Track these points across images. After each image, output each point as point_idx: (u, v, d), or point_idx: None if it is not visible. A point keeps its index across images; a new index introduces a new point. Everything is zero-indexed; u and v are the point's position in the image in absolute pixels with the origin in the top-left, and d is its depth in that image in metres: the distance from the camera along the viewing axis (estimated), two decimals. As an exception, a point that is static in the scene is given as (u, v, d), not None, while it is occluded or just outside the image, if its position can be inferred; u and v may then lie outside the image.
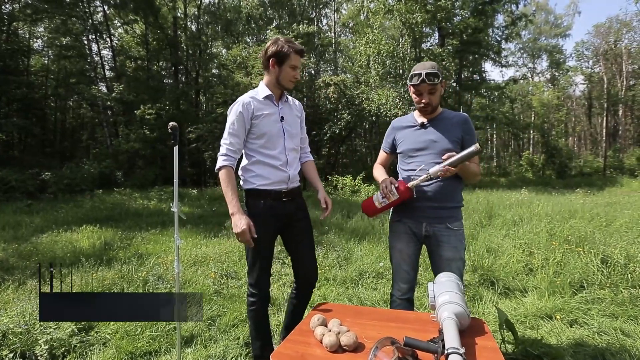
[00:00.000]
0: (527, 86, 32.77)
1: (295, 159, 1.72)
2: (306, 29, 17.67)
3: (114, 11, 19.06)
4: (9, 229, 5.24)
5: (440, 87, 1.65)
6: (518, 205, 6.65)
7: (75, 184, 11.87)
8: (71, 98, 19.64)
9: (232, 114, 1.61)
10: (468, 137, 1.66)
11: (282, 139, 1.65)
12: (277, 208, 1.62)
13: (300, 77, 1.78)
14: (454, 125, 1.68)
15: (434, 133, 1.68)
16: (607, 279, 2.85)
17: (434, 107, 1.68)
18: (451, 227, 1.64)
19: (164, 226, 5.80)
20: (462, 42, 16.91)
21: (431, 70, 1.60)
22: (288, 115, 1.70)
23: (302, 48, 1.68)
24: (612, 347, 1.93)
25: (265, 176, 1.61)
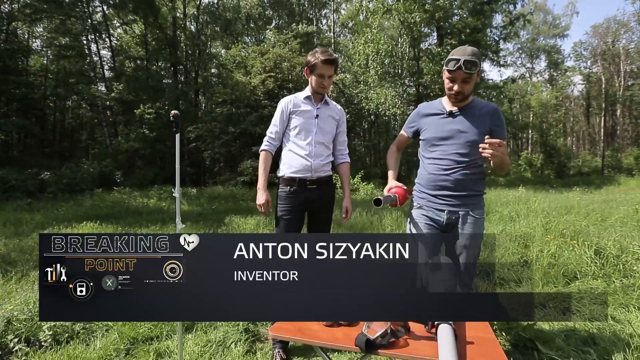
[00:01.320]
0: (526, 86, 32.88)
1: (322, 153, 1.93)
2: (305, 29, 17.75)
3: (113, 11, 19.10)
4: (10, 226, 5.27)
5: (475, 76, 1.58)
6: (515, 202, 6.70)
7: (74, 183, 11.90)
8: (70, 98, 19.65)
9: (277, 109, 1.98)
10: (497, 129, 1.62)
11: (312, 132, 1.90)
12: (303, 194, 1.87)
13: (332, 85, 2.02)
14: (483, 116, 1.63)
15: (461, 123, 1.64)
16: (601, 269, 2.91)
17: (466, 96, 1.63)
18: (473, 215, 1.64)
19: (164, 223, 5.84)
20: (460, 41, 16.99)
21: (471, 57, 1.52)
22: (324, 114, 1.95)
23: (329, 58, 1.84)
24: (602, 332, 1.99)
25: (293, 165, 1.89)
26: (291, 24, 19.37)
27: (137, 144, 15.83)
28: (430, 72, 14.41)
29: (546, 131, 27.45)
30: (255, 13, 19.53)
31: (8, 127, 13.60)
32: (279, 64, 14.79)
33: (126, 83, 17.85)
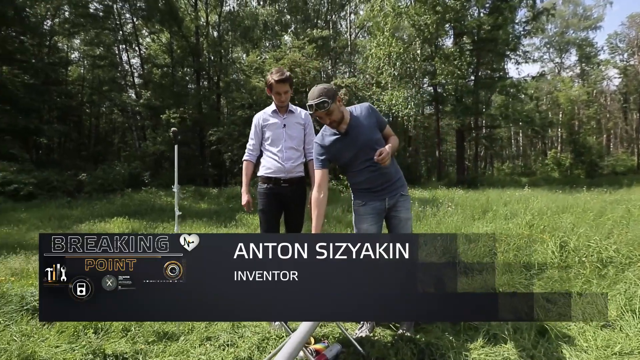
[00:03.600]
0: (554, 82, 31.58)
1: (293, 156, 2.32)
2: (320, 33, 18.22)
3: (142, 22, 20.46)
4: (54, 220, 6.13)
5: (334, 105, 1.83)
6: (515, 202, 6.85)
7: (107, 183, 13.01)
8: (104, 104, 21.25)
9: (252, 125, 2.40)
10: (380, 119, 2.01)
11: (282, 140, 2.28)
12: (277, 190, 2.27)
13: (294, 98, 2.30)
14: (365, 118, 1.97)
15: (357, 135, 1.93)
16: (562, 261, 3.18)
17: (339, 120, 1.90)
18: (404, 194, 2.08)
19: (183, 219, 6.51)
20: (477, 40, 16.86)
21: (317, 100, 1.79)
22: (290, 123, 2.32)
23: (281, 78, 2.18)
24: (532, 310, 2.32)
25: (269, 167, 2.30)
26: (306, 29, 19.91)
27: (163, 147, 16.96)
28: (443, 72, 14.47)
29: (576, 129, 26.33)
30: (272, 20, 20.22)
31: (50, 132, 15.04)
32: (294, 69, 15.36)
33: (153, 90, 19.09)
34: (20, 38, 15.34)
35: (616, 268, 2.86)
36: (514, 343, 1.86)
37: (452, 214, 5.82)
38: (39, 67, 15.43)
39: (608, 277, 2.75)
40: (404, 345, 1.79)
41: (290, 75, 2.27)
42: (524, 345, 1.83)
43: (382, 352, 1.74)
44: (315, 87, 1.88)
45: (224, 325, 2.12)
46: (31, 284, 2.73)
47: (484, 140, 30.20)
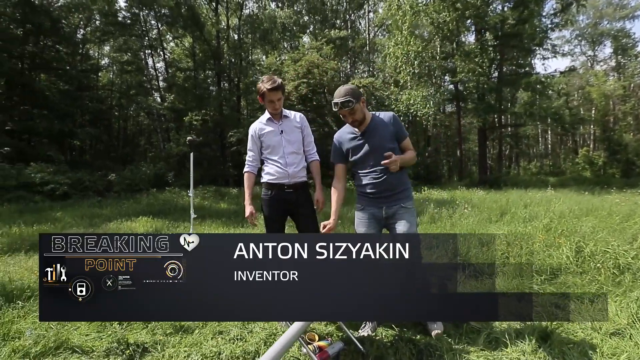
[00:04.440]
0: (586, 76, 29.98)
1: (295, 160, 2.31)
2: (338, 33, 18.28)
3: (166, 27, 21.29)
4: (86, 218, 6.56)
5: (358, 105, 1.96)
6: (536, 204, 6.64)
7: (134, 183, 13.68)
8: (131, 108, 22.29)
9: (249, 136, 2.39)
10: (399, 131, 2.04)
11: (282, 147, 2.29)
12: (281, 196, 2.28)
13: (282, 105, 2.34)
14: (385, 126, 2.03)
15: (372, 139, 2.03)
16: (578, 267, 3.11)
17: (361, 120, 2.02)
18: (404, 206, 2.05)
19: (204, 219, 6.79)
20: (500, 35, 16.32)
21: (343, 98, 1.93)
22: (287, 127, 2.32)
23: (273, 86, 2.18)
24: (538, 315, 2.31)
25: (272, 174, 2.31)
26: (324, 29, 20.01)
27: (186, 148, 17.58)
28: (464, 70, 14.14)
29: (611, 125, 24.94)
30: (290, 22, 20.46)
31: (83, 135, 15.98)
32: (312, 70, 15.51)
33: (176, 93, 19.82)
34: (56, 47, 16.38)
35: (633, 275, 2.78)
36: (514, 347, 1.88)
37: (468, 216, 5.74)
38: (72, 74, 16.44)
39: (624, 284, 2.67)
40: (403, 345, 1.86)
41: (282, 83, 2.28)
42: (524, 349, 1.85)
43: (381, 351, 1.81)
44: (342, 87, 1.99)
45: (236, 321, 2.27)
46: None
47: (508, 138, 29.18)
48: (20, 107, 14.53)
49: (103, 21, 19.10)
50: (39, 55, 15.44)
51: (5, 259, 3.76)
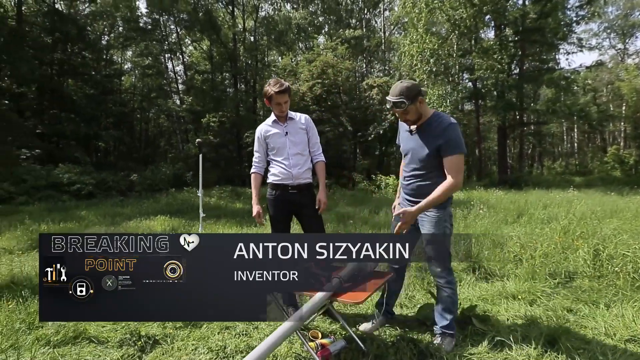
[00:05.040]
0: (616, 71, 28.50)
1: (300, 161, 2.33)
2: (352, 33, 18.23)
3: (185, 32, 21.91)
4: (108, 217, 6.87)
5: (413, 106, 1.84)
6: (557, 205, 6.41)
7: (154, 183, 14.17)
8: (152, 110, 23.07)
9: (255, 138, 2.44)
10: (444, 146, 1.83)
11: (286, 148, 2.32)
12: (285, 197, 2.33)
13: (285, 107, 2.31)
14: (435, 134, 1.87)
15: (416, 141, 1.95)
16: (595, 270, 3.00)
17: (414, 120, 1.92)
18: (428, 215, 1.93)
19: (219, 219, 6.95)
20: (521, 30, 15.80)
21: (396, 98, 1.83)
22: (292, 129, 2.35)
23: (281, 89, 2.20)
24: (549, 319, 2.25)
25: (276, 174, 2.36)
26: (339, 29, 20.00)
27: (204, 149, 18.02)
28: (482, 67, 13.79)
29: (644, 123, 23.69)
30: (304, 23, 20.58)
31: (107, 138, 16.67)
32: (326, 70, 15.55)
33: (194, 95, 20.35)
34: (82, 54, 17.19)
35: (655, 279, 2.65)
36: (520, 351, 1.84)
37: (483, 217, 5.61)
38: (97, 79, 17.19)
39: (644, 289, 2.56)
40: (405, 345, 1.86)
41: (288, 86, 2.29)
42: (530, 353, 1.81)
43: (381, 350, 1.83)
44: (399, 84, 1.88)
45: (242, 318, 2.34)
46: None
47: (530, 137, 28.16)
48: (50, 111, 15.34)
49: (125, 27, 19.87)
50: (67, 61, 16.25)
51: (33, 254, 4.00)
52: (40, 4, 16.01)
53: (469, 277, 3.08)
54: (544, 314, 2.33)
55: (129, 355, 1.88)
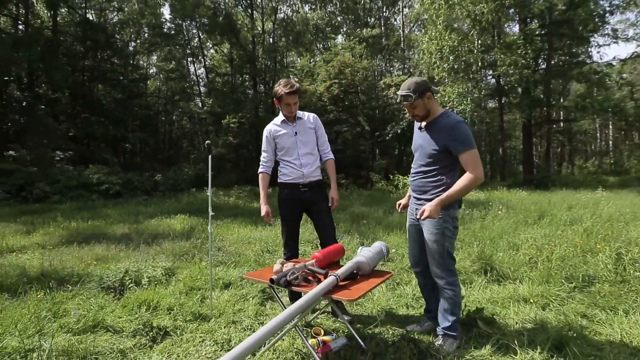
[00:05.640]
0: (656, 62, 26.60)
1: (310, 160, 2.37)
2: (370, 32, 18.09)
3: (206, 35, 22.52)
4: (132, 215, 7.21)
5: (420, 101, 1.88)
6: (582, 206, 6.11)
7: (177, 184, 14.67)
8: (175, 113, 23.88)
9: (263, 137, 2.45)
10: (453, 144, 1.84)
11: (296, 148, 2.35)
12: (297, 195, 2.36)
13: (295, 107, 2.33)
14: (442, 132, 1.88)
15: (424, 138, 1.97)
16: (617, 275, 2.85)
17: (423, 116, 1.95)
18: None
19: (235, 217, 7.13)
20: (548, 23, 15.11)
21: (404, 92, 1.88)
22: (301, 129, 2.38)
23: (291, 90, 2.23)
24: (559, 323, 2.17)
25: (287, 174, 2.40)
26: (357, 29, 19.90)
27: (223, 150, 18.48)
28: (505, 63, 13.31)
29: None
30: (323, 23, 20.64)
31: (133, 140, 17.43)
32: (343, 70, 15.54)
33: (215, 97, 20.89)
34: (111, 60, 18.06)
35: (680, 286, 2.50)
36: (524, 354, 1.80)
37: (502, 218, 5.44)
38: (124, 84, 18.02)
39: (668, 296, 2.41)
40: (405, 344, 1.87)
41: (299, 87, 2.31)
42: (534, 357, 1.77)
43: (380, 349, 1.84)
44: (410, 79, 1.95)
45: (249, 313, 2.41)
46: (108, 267, 3.35)
47: (559, 135, 26.84)
48: (82, 115, 16.23)
49: (150, 33, 20.68)
50: (97, 68, 17.14)
51: (62, 249, 4.28)
52: (73, 14, 16.99)
53: (480, 279, 3.01)
54: (555, 319, 2.26)
55: (141, 344, 2.00)
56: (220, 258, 3.84)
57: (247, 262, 3.65)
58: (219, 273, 3.24)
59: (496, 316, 2.32)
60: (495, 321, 2.19)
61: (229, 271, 3.33)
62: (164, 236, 5.03)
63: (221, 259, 3.82)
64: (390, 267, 3.48)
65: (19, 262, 3.58)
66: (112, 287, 2.84)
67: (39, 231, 5.50)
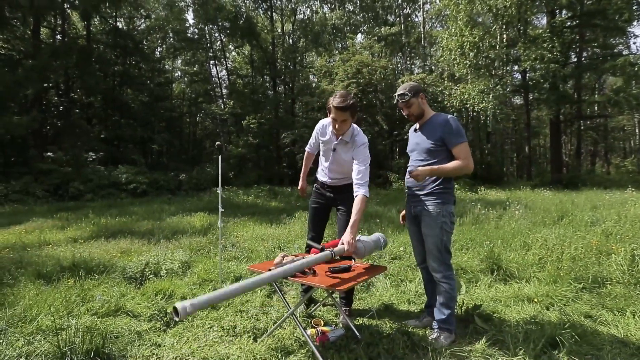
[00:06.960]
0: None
1: (338, 176, 2.34)
2: (389, 30, 17.94)
3: (227, 39, 23.15)
4: (156, 213, 7.62)
5: (415, 100, 2.04)
6: (608, 206, 5.84)
7: (200, 183, 15.24)
8: (199, 114, 24.71)
9: (316, 126, 2.40)
10: (447, 137, 1.98)
11: (329, 159, 2.33)
12: (322, 191, 2.44)
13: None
14: (435, 128, 2.02)
15: (420, 137, 2.11)
16: (631, 276, 2.77)
17: (417, 116, 2.10)
18: (427, 209, 2.02)
19: (252, 215, 7.36)
20: (579, 14, 14.38)
21: (400, 91, 2.05)
22: (341, 150, 2.27)
23: (340, 105, 2.05)
24: (562, 323, 2.16)
25: (319, 172, 2.51)
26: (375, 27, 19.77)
27: (244, 150, 18.95)
28: (529, 57, 12.81)
29: None
30: (340, 23, 20.66)
31: (159, 141, 18.23)
32: (361, 70, 15.52)
33: (236, 98, 21.44)
34: (139, 65, 18.97)
35: (697, 288, 2.39)
36: (516, 350, 1.82)
37: (518, 218, 5.32)
38: (151, 88, 18.88)
39: (683, 299, 2.33)
40: (399, 336, 1.94)
41: (353, 104, 2.07)
42: (528, 354, 1.79)
43: (374, 339, 1.92)
44: (405, 83, 2.14)
45: (256, 304, 2.56)
46: (131, 259, 3.62)
47: (591, 132, 25.43)
48: (112, 118, 17.20)
49: (175, 38, 21.53)
50: (126, 73, 18.07)
51: (91, 243, 4.64)
52: (105, 23, 18.01)
53: (486, 278, 3.01)
54: (556, 318, 2.24)
55: (156, 328, 2.19)
56: (233, 253, 4.04)
57: (259, 258, 3.82)
58: (231, 267, 3.42)
59: (496, 314, 2.33)
60: (493, 318, 2.21)
61: (241, 265, 3.51)
62: (183, 232, 5.32)
63: (234, 254, 4.02)
64: (397, 264, 3.53)
65: (54, 254, 3.93)
66: (134, 277, 3.08)
67: (72, 227, 5.96)
